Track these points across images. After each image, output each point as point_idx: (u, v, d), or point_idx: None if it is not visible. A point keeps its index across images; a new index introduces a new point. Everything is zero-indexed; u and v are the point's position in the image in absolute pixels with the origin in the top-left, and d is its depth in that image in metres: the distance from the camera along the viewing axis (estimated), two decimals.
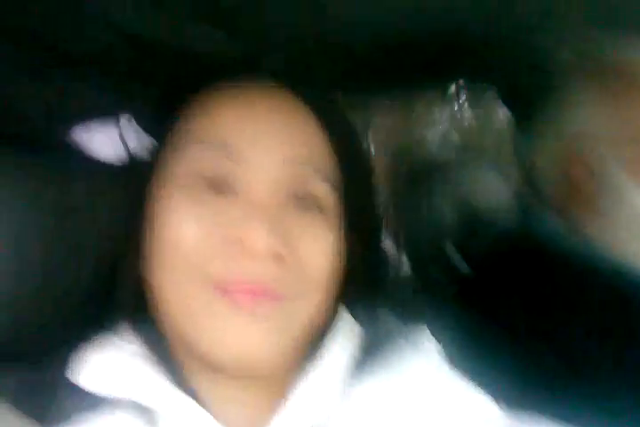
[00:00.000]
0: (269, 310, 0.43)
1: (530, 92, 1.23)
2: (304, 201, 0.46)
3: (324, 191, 0.47)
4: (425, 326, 0.53)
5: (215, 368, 0.45)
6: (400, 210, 1.25)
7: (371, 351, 0.50)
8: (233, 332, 0.42)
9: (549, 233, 0.91)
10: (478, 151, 1.32)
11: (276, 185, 0.45)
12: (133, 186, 0.49)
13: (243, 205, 0.44)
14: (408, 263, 1.25)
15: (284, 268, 0.44)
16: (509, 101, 1.27)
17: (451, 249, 1.20)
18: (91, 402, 0.45)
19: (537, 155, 0.98)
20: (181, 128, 0.47)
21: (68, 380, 0.45)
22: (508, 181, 1.29)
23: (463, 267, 1.06)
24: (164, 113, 0.50)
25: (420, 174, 1.23)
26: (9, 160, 0.60)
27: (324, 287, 0.47)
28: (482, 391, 0.52)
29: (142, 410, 0.45)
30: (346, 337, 0.49)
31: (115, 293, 0.48)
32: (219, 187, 0.45)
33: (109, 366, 0.45)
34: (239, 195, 0.45)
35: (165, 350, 0.47)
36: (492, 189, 1.25)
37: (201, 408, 0.44)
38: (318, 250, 0.46)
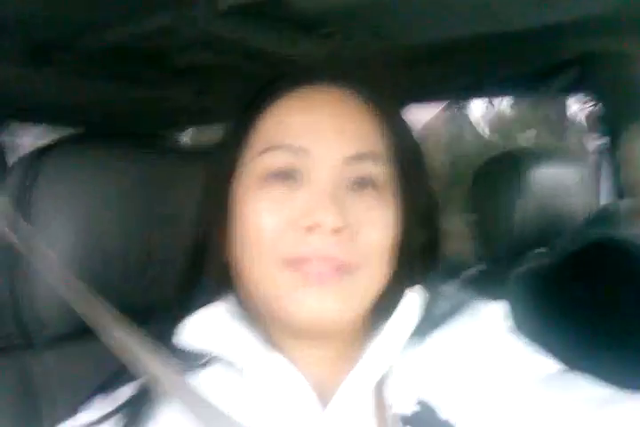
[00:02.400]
0: (336, 281, 0.49)
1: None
2: (363, 184, 0.52)
3: (381, 175, 0.53)
4: (488, 298, 0.58)
5: (295, 332, 0.52)
6: (481, 207, 1.26)
7: (434, 316, 0.56)
8: (307, 302, 0.49)
9: (626, 236, 0.93)
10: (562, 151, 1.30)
11: (338, 176, 0.52)
12: (218, 180, 0.56)
13: (309, 193, 0.51)
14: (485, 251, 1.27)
15: (348, 243, 0.50)
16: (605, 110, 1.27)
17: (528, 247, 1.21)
18: (190, 359, 0.53)
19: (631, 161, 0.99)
20: (257, 132, 0.55)
21: (172, 341, 0.53)
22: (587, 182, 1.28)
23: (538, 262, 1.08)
24: (247, 116, 0.57)
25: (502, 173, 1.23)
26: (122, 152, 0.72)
27: (384, 258, 0.52)
28: (541, 352, 0.56)
29: (234, 366, 0.53)
30: (410, 303, 0.54)
31: (205, 271, 0.56)
32: (288, 179, 0.52)
33: (204, 328, 0.53)
34: (306, 185, 0.51)
35: (252, 316, 0.55)
36: (573, 190, 1.24)
37: (287, 362, 0.52)
38: (377, 225, 0.52)
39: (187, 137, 2.03)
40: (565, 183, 1.23)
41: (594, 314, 0.88)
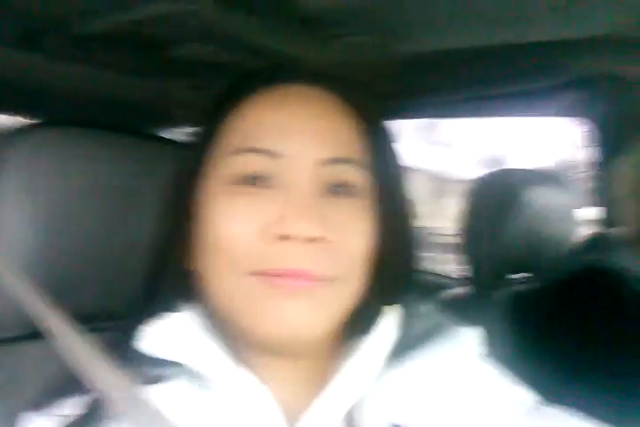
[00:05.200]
0: (309, 291, 0.46)
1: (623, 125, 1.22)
2: (340, 189, 0.49)
3: (359, 179, 0.50)
4: (467, 321, 0.55)
5: (264, 348, 0.48)
6: (469, 227, 1.24)
7: (408, 338, 0.52)
8: (278, 313, 0.45)
9: (617, 264, 0.91)
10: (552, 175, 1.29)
11: (313, 180, 0.48)
12: (181, 180, 0.52)
13: (282, 198, 0.47)
14: (469, 271, 1.25)
15: (323, 253, 0.46)
16: (601, 134, 1.26)
17: (513, 269, 1.20)
18: (151, 368, 0.49)
19: (620, 187, 0.98)
20: (227, 131, 0.51)
21: (135, 347, 0.49)
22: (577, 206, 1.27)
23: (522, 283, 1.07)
24: (217, 111, 0.53)
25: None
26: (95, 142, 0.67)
27: (360, 270, 0.49)
28: (516, 381, 0.54)
29: (197, 377, 0.48)
30: (386, 323, 0.51)
31: (165, 278, 0.52)
32: (258, 183, 0.48)
33: (170, 335, 0.49)
34: (278, 190, 0.48)
35: (218, 330, 0.51)
36: (563, 214, 1.23)
37: (255, 379, 0.48)
38: (355, 234, 0.48)
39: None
40: (556, 206, 1.21)
41: (579, 342, 0.86)
